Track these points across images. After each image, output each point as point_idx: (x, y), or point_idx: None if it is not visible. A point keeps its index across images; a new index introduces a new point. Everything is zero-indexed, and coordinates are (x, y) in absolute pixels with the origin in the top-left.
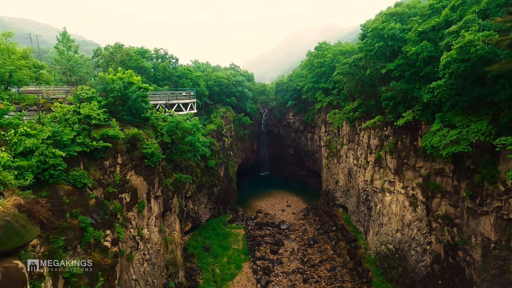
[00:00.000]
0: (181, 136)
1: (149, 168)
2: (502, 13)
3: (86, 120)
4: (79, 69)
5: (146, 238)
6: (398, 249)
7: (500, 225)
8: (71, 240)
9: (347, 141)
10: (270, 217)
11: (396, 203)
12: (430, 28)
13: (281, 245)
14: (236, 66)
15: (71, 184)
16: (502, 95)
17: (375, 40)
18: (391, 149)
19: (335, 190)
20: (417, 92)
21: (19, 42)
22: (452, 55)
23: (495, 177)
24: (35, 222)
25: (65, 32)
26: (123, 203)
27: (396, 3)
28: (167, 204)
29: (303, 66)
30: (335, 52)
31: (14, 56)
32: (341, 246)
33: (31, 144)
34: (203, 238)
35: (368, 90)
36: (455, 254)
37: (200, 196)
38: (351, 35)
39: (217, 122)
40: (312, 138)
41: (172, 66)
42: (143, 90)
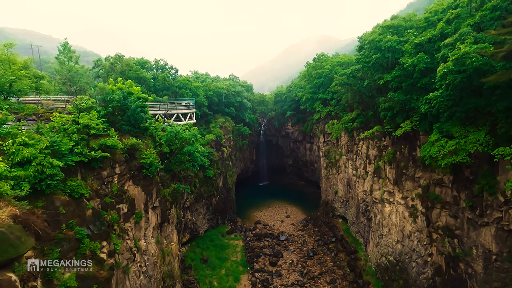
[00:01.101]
0: (180, 146)
1: (147, 178)
2: (496, 26)
3: (85, 130)
4: (79, 79)
5: (143, 250)
6: (399, 261)
7: (501, 236)
8: (67, 252)
9: (346, 151)
10: (269, 228)
11: (396, 213)
12: (426, 40)
13: (280, 256)
14: (235, 76)
15: (68, 195)
16: (499, 106)
17: (372, 51)
18: (390, 160)
19: (334, 200)
20: (415, 102)
21: (20, 53)
22: (448, 66)
23: (495, 188)
24: (30, 233)
25: (66, 43)
26: (120, 214)
27: (392, 16)
28: (165, 214)
29: (302, 77)
30: (333, 63)
31: (14, 67)
32: (341, 257)
33: (28, 154)
34: (201, 250)
35: (366, 101)
36: (456, 266)
37: (199, 207)
38: (348, 47)
39: (216, 132)
40: (311, 148)
41: (171, 76)
42: (143, 100)
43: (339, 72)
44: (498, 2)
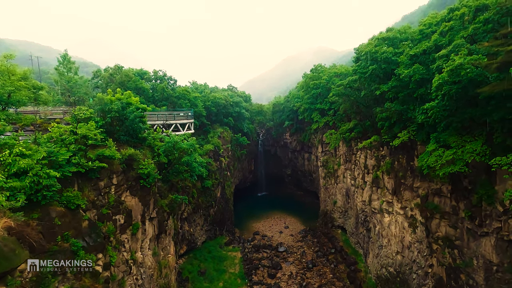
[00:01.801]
0: (178, 157)
1: (144, 189)
2: (489, 38)
3: (82, 140)
4: (78, 90)
5: (140, 262)
6: (399, 272)
7: (501, 246)
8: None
9: (344, 161)
10: (267, 239)
11: (395, 224)
12: (421, 52)
13: (279, 268)
14: (233, 87)
15: (64, 206)
16: (495, 116)
17: (368, 63)
18: (388, 169)
19: (333, 210)
20: (412, 113)
21: (20, 64)
22: (443, 77)
23: (493, 197)
24: (25, 245)
25: (66, 54)
26: (116, 225)
27: (388, 28)
28: (162, 226)
29: (299, 87)
30: (330, 74)
31: (14, 77)
32: (341, 269)
33: (25, 164)
34: (198, 262)
35: (363, 111)
36: (457, 277)
37: (196, 218)
38: (345, 58)
39: (214, 142)
40: (309, 158)
41: (170, 87)
42: (141, 110)
43: (336, 82)
44: (490, 15)
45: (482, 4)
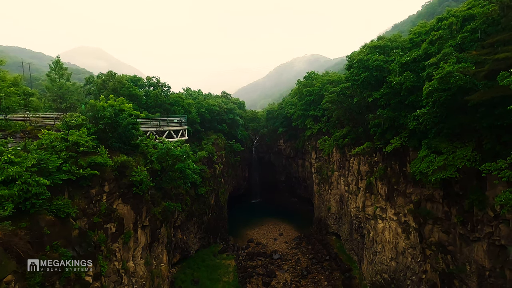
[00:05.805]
0: (171, 163)
1: (137, 197)
2: (476, 47)
3: (74, 147)
4: (70, 97)
5: (131, 272)
6: (394, 278)
7: (493, 251)
8: (50, 276)
9: (338, 168)
10: (262, 247)
11: (389, 230)
12: (411, 60)
13: (273, 276)
14: (227, 94)
15: (53, 214)
16: (484, 122)
17: (360, 70)
18: (381, 175)
19: (328, 217)
20: (403, 119)
21: (11, 70)
22: (433, 85)
23: (484, 203)
24: (12, 256)
25: (58, 60)
26: (108, 234)
27: (379, 36)
28: (155, 234)
29: (293, 94)
30: (323, 81)
31: (4, 84)
32: (336, 276)
33: (14, 172)
34: (191, 271)
35: (356, 118)
36: (451, 283)
37: (190, 225)
38: (337, 66)
39: (208, 148)
40: (303, 165)
41: (164, 93)
42: (134, 117)
43: (329, 89)
44: (477, 24)
45: (469, 14)
